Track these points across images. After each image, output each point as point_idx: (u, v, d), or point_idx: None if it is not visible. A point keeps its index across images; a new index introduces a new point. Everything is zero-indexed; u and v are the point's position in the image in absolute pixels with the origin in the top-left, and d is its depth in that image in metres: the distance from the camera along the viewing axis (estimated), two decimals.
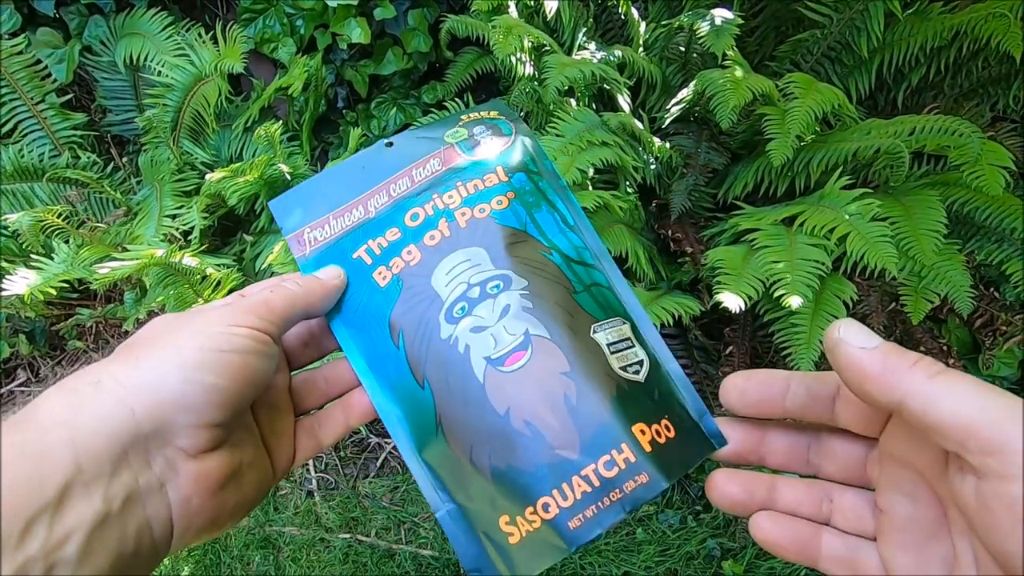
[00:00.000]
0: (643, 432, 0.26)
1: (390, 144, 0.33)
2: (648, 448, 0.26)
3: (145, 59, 1.27)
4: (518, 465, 0.25)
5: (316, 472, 1.37)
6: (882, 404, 0.22)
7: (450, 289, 0.27)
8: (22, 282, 1.03)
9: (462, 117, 0.34)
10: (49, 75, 1.30)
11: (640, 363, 0.27)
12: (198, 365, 0.24)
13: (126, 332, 1.43)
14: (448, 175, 0.31)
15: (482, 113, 0.34)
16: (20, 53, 1.25)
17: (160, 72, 1.26)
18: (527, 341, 0.26)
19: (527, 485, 0.25)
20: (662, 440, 0.26)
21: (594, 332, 0.27)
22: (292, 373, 0.32)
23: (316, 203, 0.32)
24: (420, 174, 0.32)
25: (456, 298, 0.27)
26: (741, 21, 1.04)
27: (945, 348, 1.12)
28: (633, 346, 0.28)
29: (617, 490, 0.25)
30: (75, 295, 1.34)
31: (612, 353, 0.27)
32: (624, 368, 0.27)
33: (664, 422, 0.27)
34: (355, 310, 0.30)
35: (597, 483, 0.25)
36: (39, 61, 1.29)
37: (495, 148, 0.32)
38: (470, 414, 0.26)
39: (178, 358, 0.24)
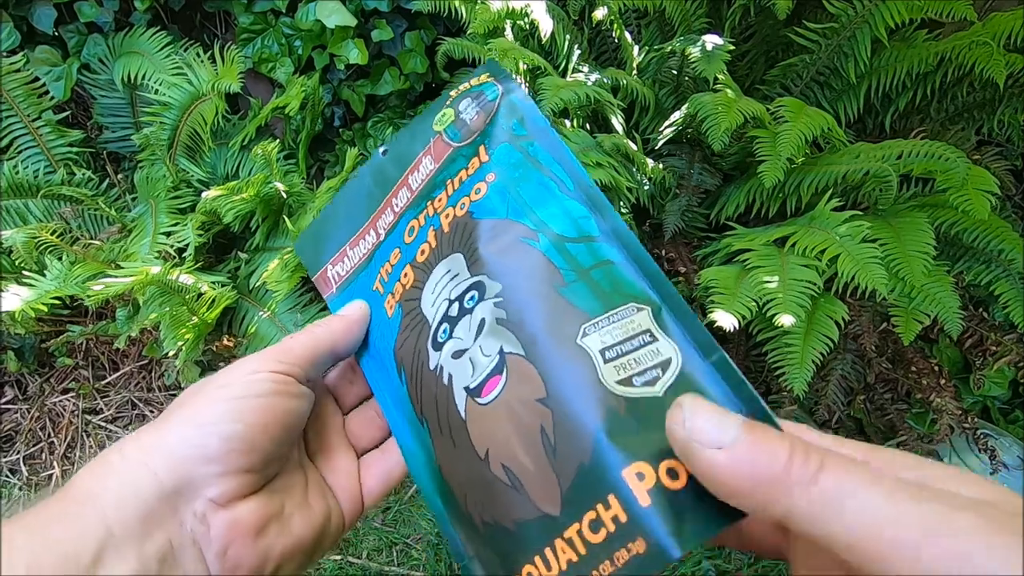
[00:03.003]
0: (641, 476, 0.18)
1: (385, 152, 0.31)
2: (646, 500, 0.18)
3: (143, 78, 1.28)
4: (501, 521, 0.20)
5: None
6: (763, 518, 0.17)
7: (435, 310, 0.23)
8: (14, 299, 1.02)
9: (450, 93, 0.30)
10: (47, 92, 1.31)
11: (661, 366, 0.19)
12: (215, 416, 0.25)
13: (117, 350, 1.42)
14: (440, 173, 0.28)
15: (471, 82, 0.29)
16: (18, 71, 1.26)
17: (158, 91, 1.27)
18: (501, 362, 0.20)
19: (511, 547, 0.20)
20: (676, 484, 0.18)
21: (583, 336, 0.20)
22: (347, 413, 0.32)
23: (332, 235, 0.30)
24: (416, 180, 0.28)
25: (439, 320, 0.23)
26: (732, 47, 1.06)
27: (936, 368, 1.13)
28: (651, 342, 0.20)
29: (607, 562, 0.18)
30: (66, 312, 1.33)
31: (608, 361, 0.20)
32: (627, 380, 0.19)
33: None
34: (374, 345, 0.28)
35: (583, 550, 0.19)
36: (37, 79, 1.29)
37: (480, 124, 0.28)
38: (459, 457, 0.21)
39: (195, 415, 0.25)
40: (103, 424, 1.48)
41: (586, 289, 0.21)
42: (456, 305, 0.21)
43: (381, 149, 0.31)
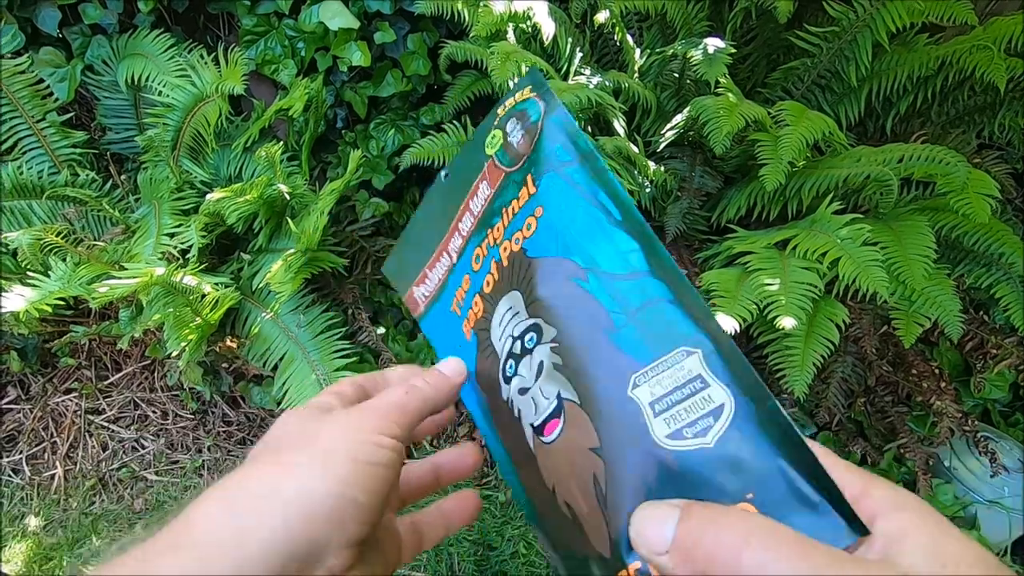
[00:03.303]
0: None
1: (447, 176, 0.31)
2: None
3: (147, 79, 1.28)
4: (572, 549, 0.21)
5: None
6: None
7: (502, 344, 0.24)
8: (18, 299, 1.03)
9: (498, 111, 0.29)
10: (51, 94, 1.31)
11: (712, 414, 0.19)
12: (349, 479, 0.23)
13: (120, 350, 1.42)
14: (496, 199, 0.27)
15: (516, 97, 0.28)
16: (22, 72, 1.26)
17: (161, 92, 1.27)
18: (559, 407, 0.21)
19: (581, 572, 0.21)
20: None
21: (633, 387, 0.20)
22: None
23: (412, 258, 0.31)
24: (476, 205, 0.28)
25: (506, 354, 0.23)
26: (733, 50, 1.06)
27: (937, 371, 1.13)
28: (702, 388, 0.19)
29: None
30: (69, 312, 1.34)
31: (658, 414, 0.19)
32: (677, 432, 0.19)
33: (743, 505, 0.19)
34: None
35: None
36: (41, 80, 1.30)
37: (526, 148, 0.27)
38: (536, 486, 0.22)
39: (330, 468, 0.23)
40: (105, 424, 1.48)
41: (636, 333, 0.21)
42: (519, 343, 0.22)
43: (443, 173, 0.31)
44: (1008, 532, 1.16)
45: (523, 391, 0.21)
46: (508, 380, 0.22)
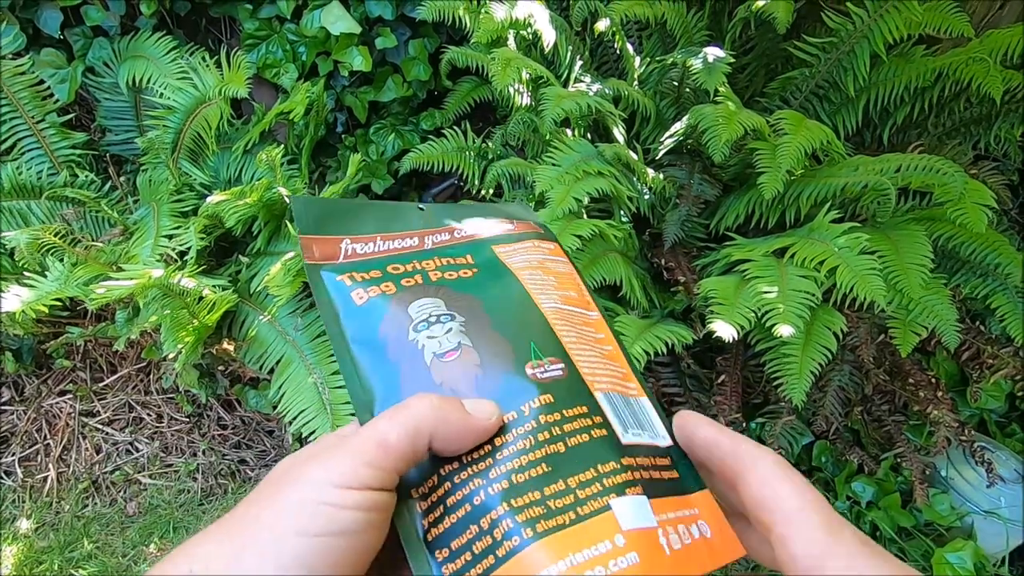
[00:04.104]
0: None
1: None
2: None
3: (148, 81, 1.29)
4: None
5: None
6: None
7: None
8: (15, 299, 1.02)
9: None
10: (51, 95, 1.31)
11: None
12: (295, 563, 0.19)
13: (116, 352, 1.42)
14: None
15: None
16: (23, 73, 1.26)
17: (162, 94, 1.27)
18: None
19: None
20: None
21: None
22: None
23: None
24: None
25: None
26: (732, 59, 1.07)
27: (934, 380, 1.13)
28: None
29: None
30: (65, 313, 1.33)
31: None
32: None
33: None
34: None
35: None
36: (42, 81, 1.30)
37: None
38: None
39: (273, 551, 0.19)
40: (99, 426, 1.47)
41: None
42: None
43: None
44: (1005, 543, 1.16)
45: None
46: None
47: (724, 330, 0.88)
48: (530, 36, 1.19)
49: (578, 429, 0.26)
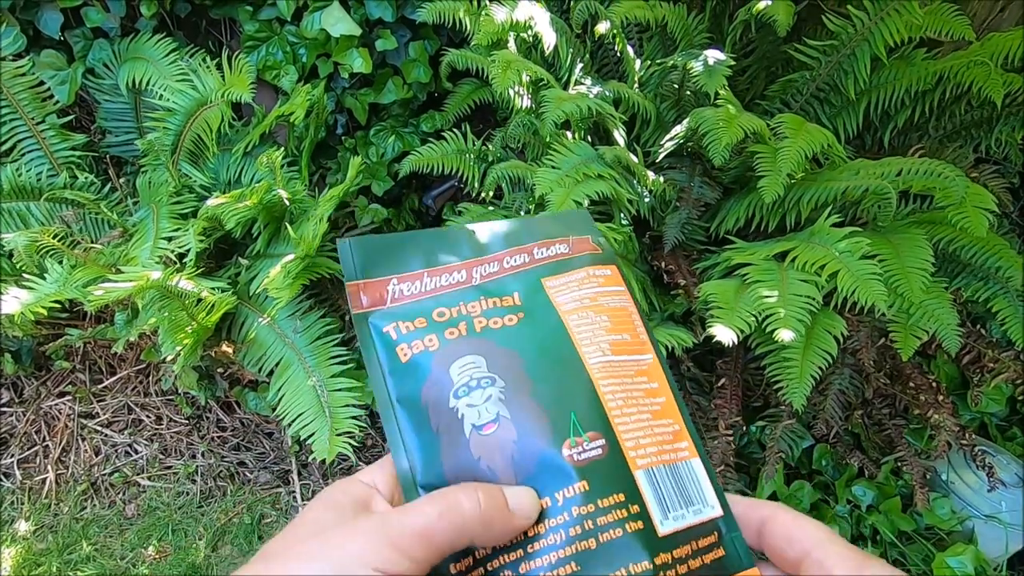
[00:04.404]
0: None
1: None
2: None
3: (148, 83, 1.29)
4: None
5: (303, 501, 1.35)
6: None
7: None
8: (14, 301, 1.02)
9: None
10: (51, 96, 1.31)
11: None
12: None
13: (115, 353, 1.42)
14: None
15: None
16: (23, 74, 1.26)
17: (162, 96, 1.27)
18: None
19: None
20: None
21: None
22: None
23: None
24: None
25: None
26: (732, 62, 1.07)
27: (934, 384, 1.13)
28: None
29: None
30: (65, 315, 1.33)
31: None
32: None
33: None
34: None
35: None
36: (42, 82, 1.30)
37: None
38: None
39: None
40: (98, 428, 1.47)
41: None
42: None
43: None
44: (1005, 547, 1.16)
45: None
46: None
47: (724, 334, 0.88)
48: (530, 38, 1.19)
49: (612, 523, 0.25)
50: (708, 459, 0.29)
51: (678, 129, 1.11)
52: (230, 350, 1.24)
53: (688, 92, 1.17)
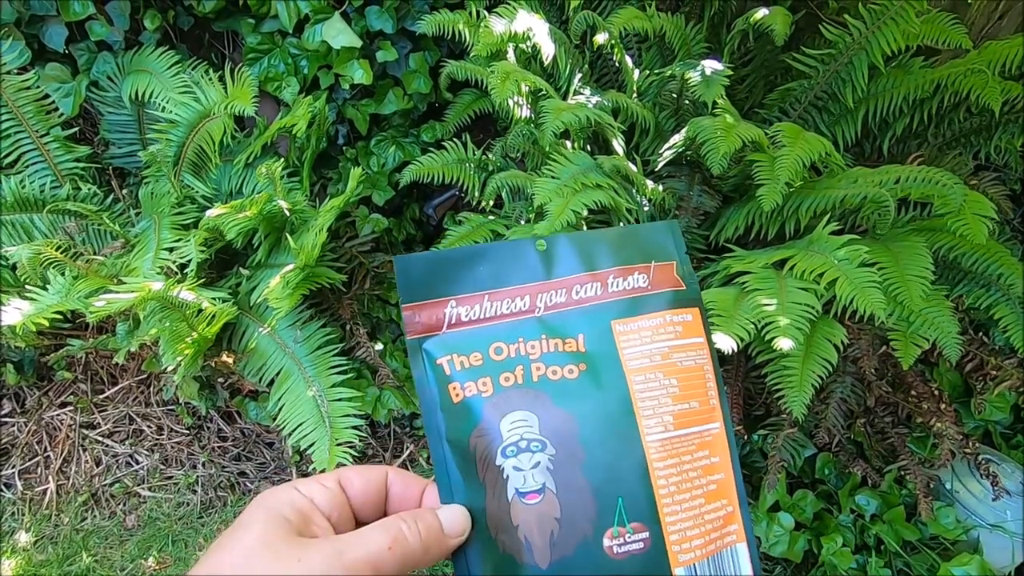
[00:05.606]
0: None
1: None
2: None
3: (151, 96, 1.30)
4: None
5: None
6: None
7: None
8: (16, 312, 1.03)
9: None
10: (55, 108, 1.33)
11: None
12: None
13: (116, 364, 1.42)
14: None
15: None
16: (28, 88, 1.28)
17: (165, 108, 1.28)
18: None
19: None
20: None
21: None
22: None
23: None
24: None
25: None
26: (730, 71, 1.07)
27: (937, 392, 1.12)
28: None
29: None
30: (67, 326, 1.33)
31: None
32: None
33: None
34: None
35: None
36: (46, 95, 1.31)
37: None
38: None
39: None
40: (100, 439, 1.47)
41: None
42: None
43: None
44: (1011, 557, 1.14)
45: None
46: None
47: (724, 342, 0.88)
48: (529, 49, 1.20)
49: None
50: (755, 540, 0.29)
51: (677, 138, 1.11)
52: (231, 360, 1.24)
53: (687, 101, 1.18)
